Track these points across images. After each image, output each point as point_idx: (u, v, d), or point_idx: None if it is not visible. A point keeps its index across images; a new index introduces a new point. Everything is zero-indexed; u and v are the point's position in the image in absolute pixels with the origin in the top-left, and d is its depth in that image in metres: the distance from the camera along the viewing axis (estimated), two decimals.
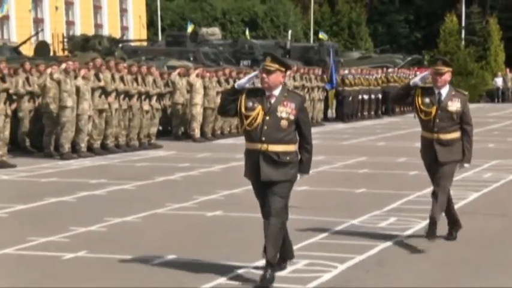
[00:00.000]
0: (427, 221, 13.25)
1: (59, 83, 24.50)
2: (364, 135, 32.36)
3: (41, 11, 57.45)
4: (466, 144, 11.02)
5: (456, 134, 11.04)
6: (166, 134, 30.01)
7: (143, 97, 27.12)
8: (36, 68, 26.33)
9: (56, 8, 57.76)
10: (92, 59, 27.44)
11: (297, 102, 9.30)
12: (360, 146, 27.88)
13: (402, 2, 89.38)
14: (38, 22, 56.14)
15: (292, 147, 9.37)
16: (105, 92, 25.86)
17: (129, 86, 26.86)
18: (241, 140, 28.64)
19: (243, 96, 9.26)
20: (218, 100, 29.80)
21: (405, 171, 21.65)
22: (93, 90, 25.36)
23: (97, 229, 14.05)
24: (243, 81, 9.56)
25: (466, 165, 11.45)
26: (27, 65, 26.11)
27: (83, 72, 24.91)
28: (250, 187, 9.71)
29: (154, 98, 27.79)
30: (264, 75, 9.12)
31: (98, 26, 60.43)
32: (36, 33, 49.72)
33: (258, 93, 9.35)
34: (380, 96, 42.61)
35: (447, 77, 10.68)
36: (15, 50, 40.02)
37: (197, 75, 29.19)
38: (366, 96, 40.20)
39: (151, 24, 67.36)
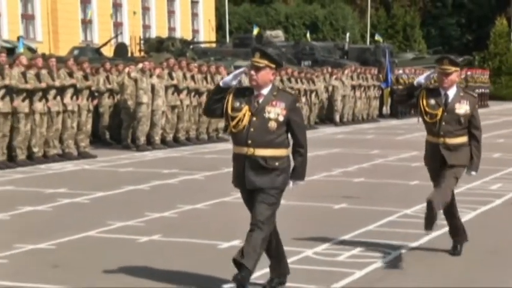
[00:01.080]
0: (475, 212, 13.13)
1: (135, 81, 24.79)
2: (417, 131, 32.05)
3: (120, 15, 57.77)
4: (474, 150, 9.26)
5: (464, 139, 9.28)
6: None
7: None
8: (116, 68, 26.76)
9: (134, 13, 58.06)
10: (165, 59, 27.75)
11: (287, 101, 7.79)
12: (412, 141, 27.54)
13: (454, 6, 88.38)
14: (117, 26, 56.44)
15: (283, 152, 7.90)
16: (177, 90, 26.10)
17: (199, 84, 27.18)
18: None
19: (231, 96, 7.84)
20: None
21: None
22: (166, 88, 25.62)
23: (170, 215, 14.19)
24: (228, 78, 7.91)
25: (473, 173, 9.60)
26: (108, 65, 26.36)
27: (157, 71, 25.28)
28: (316, 177, 9.69)
29: None
30: (253, 72, 7.66)
31: (171, 29, 60.61)
32: (116, 36, 49.95)
33: (246, 93, 7.90)
34: None
35: (454, 77, 8.97)
36: (97, 51, 40.35)
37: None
38: None
39: (219, 27, 67.39)
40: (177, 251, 11.50)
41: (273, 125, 7.65)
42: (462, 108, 8.76)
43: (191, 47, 46.56)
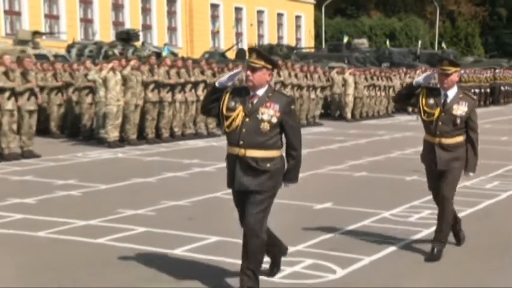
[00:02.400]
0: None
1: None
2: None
3: (240, 27, 58.03)
4: (470, 151, 7.88)
5: (460, 139, 7.84)
6: (326, 116, 29.24)
7: (311, 89, 27.00)
8: (236, 67, 26.21)
9: (251, 25, 58.37)
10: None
11: (282, 103, 6.44)
12: None
13: (509, 18, 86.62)
14: (238, 35, 56.70)
15: (275, 153, 6.54)
16: (283, 85, 25.60)
17: (301, 80, 26.66)
18: (382, 121, 28.65)
19: (227, 95, 6.58)
20: (365, 92, 29.88)
21: (506, 146, 20.52)
22: (274, 83, 25.09)
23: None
24: (224, 79, 6.69)
25: (470, 174, 8.07)
26: (230, 65, 26.32)
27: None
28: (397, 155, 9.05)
29: (319, 89, 27.60)
30: (249, 73, 6.40)
31: (279, 38, 60.67)
32: (237, 43, 50.17)
33: (242, 93, 6.58)
34: (488, 90, 41.97)
35: (454, 77, 7.64)
36: (223, 55, 40.68)
37: (350, 73, 29.21)
38: (477, 90, 39.47)
39: (317, 36, 67.01)
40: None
41: (265, 126, 6.37)
42: (460, 109, 7.55)
43: (295, 51, 46.91)
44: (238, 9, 57.36)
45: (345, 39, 53.01)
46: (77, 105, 20.48)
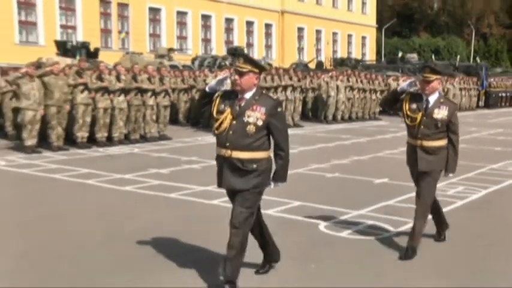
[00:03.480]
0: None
1: (327, 83, 23.92)
2: (503, 116, 31.02)
3: (319, 44, 57.73)
4: (451, 152, 6.75)
5: (441, 142, 6.73)
6: (383, 112, 27.20)
7: (372, 92, 26.36)
8: (315, 74, 25.77)
9: (327, 43, 58.09)
10: (345, 71, 26.99)
11: (268, 106, 5.35)
12: (499, 122, 26.53)
13: None
14: (318, 51, 56.28)
15: (261, 154, 5.40)
16: (351, 88, 25.16)
17: (365, 85, 26.10)
18: None
19: (218, 99, 5.53)
20: None
21: None
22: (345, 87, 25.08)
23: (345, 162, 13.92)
24: (212, 83, 5.71)
25: (450, 174, 6.93)
26: (311, 73, 25.96)
27: (340, 77, 24.83)
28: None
29: (379, 92, 26.82)
30: (237, 77, 5.40)
31: (349, 53, 60.17)
32: (316, 57, 50.10)
33: (231, 96, 5.51)
34: None
35: (435, 84, 6.66)
36: (306, 65, 40.49)
37: (403, 80, 28.91)
38: (503, 94, 39.22)
39: (378, 52, 66.31)
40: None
41: (251, 128, 5.28)
42: (440, 113, 6.54)
43: (360, 63, 46.62)
44: (318, 31, 57.11)
45: (400, 54, 52.47)
46: (198, 102, 20.72)
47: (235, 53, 38.07)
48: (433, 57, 56.95)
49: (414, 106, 6.67)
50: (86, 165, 12.46)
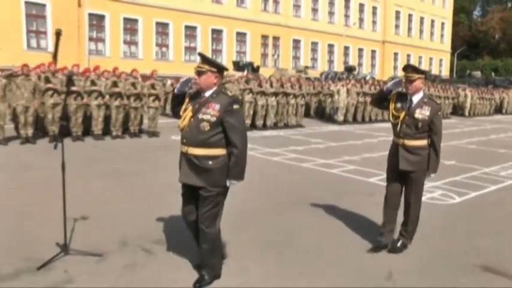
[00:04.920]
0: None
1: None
2: None
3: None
4: (432, 153, 5.05)
5: (422, 142, 5.01)
6: (452, 113, 26.19)
7: (446, 98, 24.82)
8: None
9: (408, 64, 55.90)
10: (427, 83, 25.72)
11: (222, 103, 3.90)
12: None
13: None
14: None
15: (217, 151, 3.93)
16: (431, 96, 24.06)
17: (441, 93, 24.52)
18: (487, 118, 26.56)
19: (187, 98, 4.14)
20: (477, 101, 27.13)
21: None
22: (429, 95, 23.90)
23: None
24: (179, 85, 4.17)
25: (432, 175, 5.13)
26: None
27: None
28: None
29: (450, 98, 25.38)
30: (196, 76, 4.01)
31: (429, 70, 57.53)
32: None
33: (196, 96, 4.09)
34: None
35: (418, 83, 5.01)
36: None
37: (469, 91, 27.19)
38: None
39: (451, 70, 63.04)
40: None
41: (205, 125, 3.88)
42: (422, 113, 4.88)
43: (438, 78, 44.57)
44: (408, 55, 54.99)
45: (467, 72, 49.99)
46: (324, 102, 20.55)
47: (350, 69, 37.61)
48: (493, 74, 53.63)
49: (399, 105, 5.00)
50: (249, 141, 12.61)
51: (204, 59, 3.98)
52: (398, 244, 4.98)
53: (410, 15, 54.62)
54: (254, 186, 7.60)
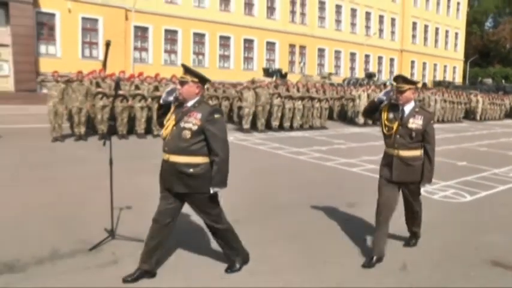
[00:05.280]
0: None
1: (428, 97, 22.66)
2: None
3: (425, 71, 54.62)
4: (426, 163, 4.51)
5: (416, 152, 4.50)
6: (464, 118, 25.75)
7: (458, 103, 24.45)
8: (421, 91, 24.05)
9: (423, 76, 54.75)
10: (441, 89, 25.15)
11: (204, 113, 3.65)
12: None
13: None
14: (423, 76, 53.40)
15: (199, 159, 3.66)
16: (445, 101, 23.38)
17: (454, 99, 23.85)
18: (497, 122, 25.85)
19: (172, 108, 3.83)
20: (488, 106, 26.50)
21: None
22: (444, 101, 23.60)
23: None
24: (163, 96, 3.87)
25: (426, 185, 4.59)
26: (418, 91, 24.47)
27: (438, 93, 23.40)
28: None
29: (463, 104, 24.73)
30: (179, 87, 3.73)
31: (444, 77, 56.36)
32: (422, 80, 47.53)
33: (181, 105, 3.78)
34: None
35: (408, 94, 4.47)
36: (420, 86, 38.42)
37: (480, 96, 26.45)
38: None
39: (464, 77, 61.79)
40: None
41: (186, 133, 3.63)
42: (415, 123, 4.38)
43: (451, 84, 43.59)
44: (424, 63, 53.93)
45: (479, 79, 48.85)
46: (346, 106, 20.34)
47: (370, 75, 37.19)
48: (503, 81, 52.20)
49: (391, 115, 4.48)
50: (277, 141, 12.70)
51: (187, 70, 3.75)
52: (412, 242, 4.83)
53: (426, 26, 53.65)
54: (282, 182, 7.58)
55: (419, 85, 38.68)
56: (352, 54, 46.01)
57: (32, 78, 23.19)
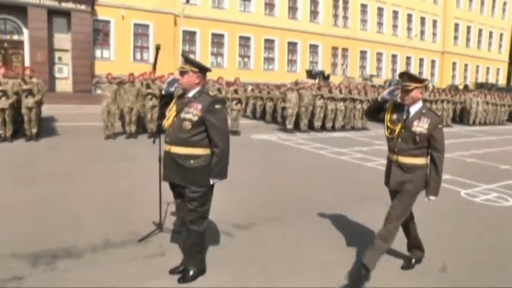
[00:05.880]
0: None
1: (470, 99, 21.98)
2: None
3: (466, 73, 52.76)
4: (432, 173, 3.62)
5: (419, 160, 3.64)
6: (510, 120, 24.59)
7: (502, 105, 23.21)
8: (463, 93, 23.27)
9: (464, 79, 52.75)
10: (483, 91, 24.04)
11: (204, 103, 3.45)
12: None
13: None
14: (465, 78, 51.59)
15: (200, 151, 3.48)
16: (487, 103, 22.49)
17: (497, 101, 22.84)
18: None
19: (175, 99, 3.67)
20: None
21: None
22: (486, 103, 22.67)
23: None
24: (164, 87, 3.73)
25: (431, 197, 3.67)
26: (461, 92, 23.66)
27: (480, 95, 22.52)
28: None
29: (507, 106, 23.62)
30: (179, 77, 3.57)
31: (487, 79, 54.19)
32: (464, 81, 45.88)
33: (183, 96, 3.62)
34: None
35: (415, 94, 3.61)
36: (456, 87, 37.08)
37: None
38: None
39: (509, 78, 59.26)
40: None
41: (187, 124, 3.45)
42: (420, 126, 3.61)
43: (495, 86, 41.80)
44: (466, 65, 52.03)
45: None
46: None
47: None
48: None
49: (395, 117, 3.76)
50: (319, 142, 12.58)
51: (186, 60, 3.54)
52: (412, 262, 4.14)
53: (468, 27, 51.75)
54: (324, 182, 7.50)
55: (461, 86, 37.43)
56: (394, 56, 45.16)
57: (87, 80, 24.32)
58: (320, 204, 6.02)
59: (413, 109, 3.73)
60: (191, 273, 3.69)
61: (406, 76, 3.70)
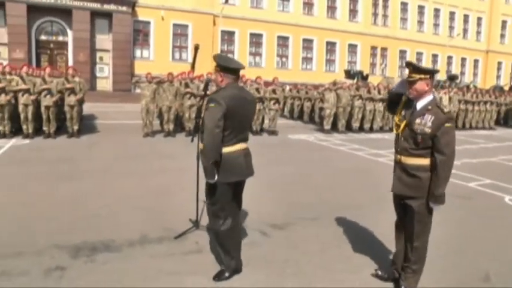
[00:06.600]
0: None
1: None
2: None
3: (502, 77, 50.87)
4: (434, 178, 3.14)
5: (423, 161, 3.19)
6: None
7: None
8: (508, 94, 22.42)
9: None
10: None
11: (208, 102, 3.39)
12: None
13: None
14: (511, 78, 49.67)
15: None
16: (506, 105, 21.94)
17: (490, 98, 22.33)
18: None
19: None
20: None
21: None
22: None
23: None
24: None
25: (433, 205, 3.22)
26: (505, 93, 22.79)
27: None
28: None
29: None
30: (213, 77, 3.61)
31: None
32: (510, 82, 44.18)
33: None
34: None
35: (420, 86, 3.16)
36: (501, 88, 35.61)
37: None
38: None
39: None
40: None
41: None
42: (421, 125, 3.17)
43: None
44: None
45: None
46: None
47: (453, 77, 35.35)
48: None
49: (403, 112, 3.40)
50: (357, 143, 12.40)
51: (218, 62, 3.48)
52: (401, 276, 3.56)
53: None
54: (361, 183, 7.40)
55: (507, 87, 36.06)
56: (434, 56, 43.98)
57: (127, 79, 25.04)
58: (356, 205, 5.94)
59: (420, 104, 3.32)
60: (225, 273, 3.70)
61: (410, 66, 3.32)
